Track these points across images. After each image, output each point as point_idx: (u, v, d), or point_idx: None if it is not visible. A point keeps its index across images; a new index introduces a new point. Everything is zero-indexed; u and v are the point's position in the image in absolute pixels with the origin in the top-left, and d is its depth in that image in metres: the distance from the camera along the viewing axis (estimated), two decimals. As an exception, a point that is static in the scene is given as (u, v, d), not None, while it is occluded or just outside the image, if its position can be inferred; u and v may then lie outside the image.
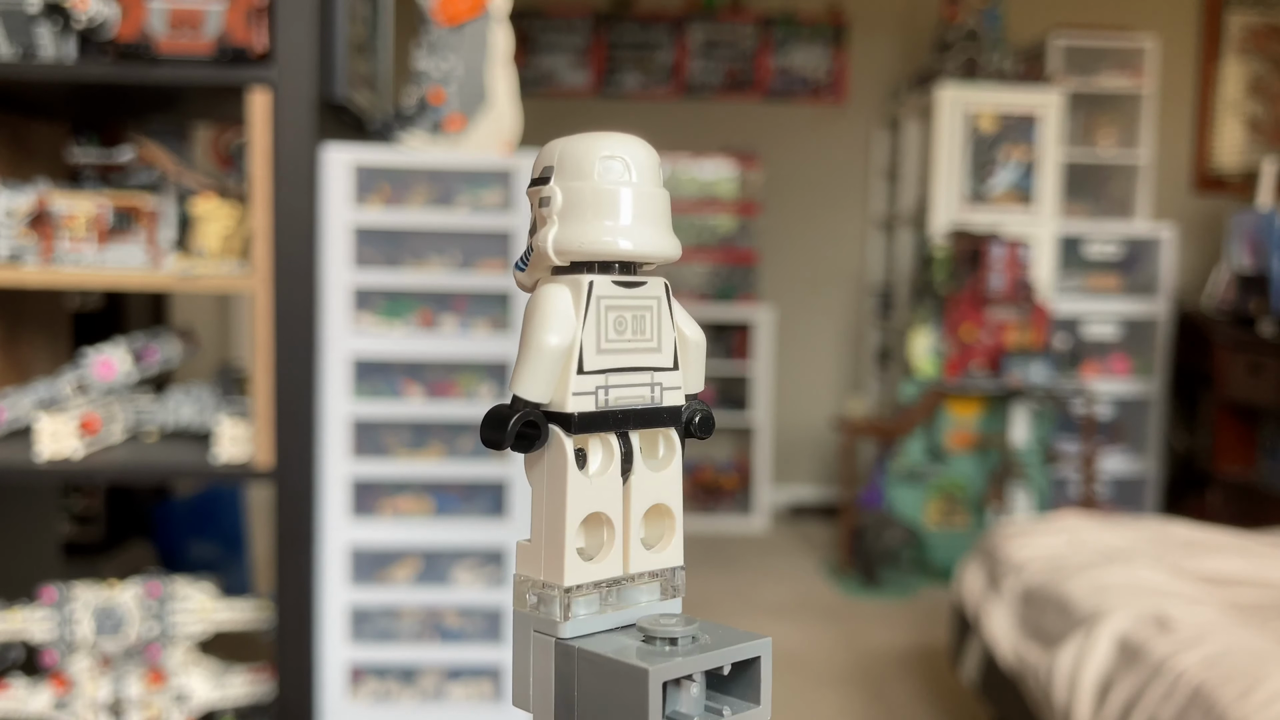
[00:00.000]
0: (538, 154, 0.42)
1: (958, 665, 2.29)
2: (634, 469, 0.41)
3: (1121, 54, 4.11)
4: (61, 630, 1.54)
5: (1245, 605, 1.77)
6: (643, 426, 0.42)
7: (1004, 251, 3.50)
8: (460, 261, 1.60)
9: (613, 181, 0.40)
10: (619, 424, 0.41)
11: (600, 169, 0.40)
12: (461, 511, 1.62)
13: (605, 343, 0.40)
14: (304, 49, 1.48)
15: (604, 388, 0.40)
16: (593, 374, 0.40)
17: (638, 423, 0.41)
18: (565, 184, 0.40)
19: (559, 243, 0.40)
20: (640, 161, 0.41)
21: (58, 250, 1.52)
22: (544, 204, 0.41)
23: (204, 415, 1.69)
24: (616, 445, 0.41)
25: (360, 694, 1.60)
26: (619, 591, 0.41)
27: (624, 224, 0.40)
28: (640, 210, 0.41)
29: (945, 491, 3.57)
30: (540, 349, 0.40)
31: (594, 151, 0.40)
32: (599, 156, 0.40)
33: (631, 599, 0.41)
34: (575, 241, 0.40)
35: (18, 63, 1.46)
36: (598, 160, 0.40)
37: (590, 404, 0.40)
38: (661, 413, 0.42)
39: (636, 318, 0.41)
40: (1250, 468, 3.62)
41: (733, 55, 4.52)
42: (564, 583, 0.39)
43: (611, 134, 0.42)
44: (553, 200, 0.40)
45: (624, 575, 0.41)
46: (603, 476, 0.40)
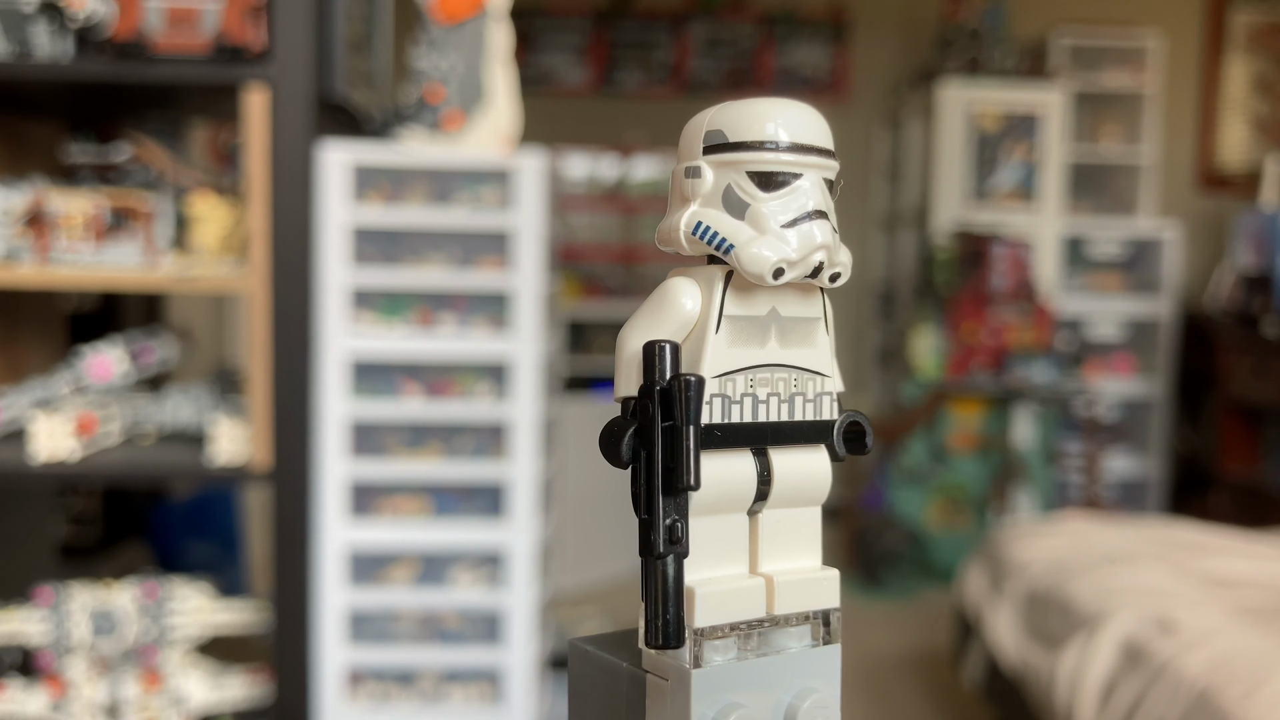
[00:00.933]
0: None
1: (960, 667, 2.28)
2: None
3: (1125, 52, 4.10)
4: (58, 632, 1.53)
5: (1250, 607, 1.76)
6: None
7: (1006, 251, 3.49)
8: (459, 260, 1.59)
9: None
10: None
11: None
12: (460, 512, 1.61)
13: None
14: (301, 47, 1.47)
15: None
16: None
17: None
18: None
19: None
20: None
21: (54, 249, 1.51)
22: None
23: (201, 416, 1.68)
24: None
25: (358, 696, 1.59)
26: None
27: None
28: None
29: (947, 493, 3.56)
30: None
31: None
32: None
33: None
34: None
35: (14, 61, 1.45)
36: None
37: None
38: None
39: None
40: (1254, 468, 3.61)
41: (733, 53, 4.51)
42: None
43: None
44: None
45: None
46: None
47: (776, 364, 0.39)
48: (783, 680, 0.38)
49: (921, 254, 3.87)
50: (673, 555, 0.35)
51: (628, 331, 0.39)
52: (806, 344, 0.40)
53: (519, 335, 1.57)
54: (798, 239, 0.37)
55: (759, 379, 0.39)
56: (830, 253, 0.38)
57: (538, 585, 1.63)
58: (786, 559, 0.40)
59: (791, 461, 0.39)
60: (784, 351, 0.39)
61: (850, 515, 3.55)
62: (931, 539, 3.53)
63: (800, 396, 0.40)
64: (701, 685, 0.36)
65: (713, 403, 0.38)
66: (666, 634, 0.35)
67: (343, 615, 1.57)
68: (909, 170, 4.14)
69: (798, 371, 0.40)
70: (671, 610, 0.35)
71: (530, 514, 1.59)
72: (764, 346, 0.39)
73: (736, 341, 0.38)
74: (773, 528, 0.39)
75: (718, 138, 0.38)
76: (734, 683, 0.37)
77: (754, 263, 0.37)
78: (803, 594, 0.39)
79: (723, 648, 0.37)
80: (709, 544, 0.38)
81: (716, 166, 0.38)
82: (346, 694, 1.58)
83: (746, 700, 0.37)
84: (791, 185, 0.38)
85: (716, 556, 0.38)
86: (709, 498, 0.37)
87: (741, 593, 0.38)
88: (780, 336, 0.39)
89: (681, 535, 0.36)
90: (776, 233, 0.37)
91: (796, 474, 0.39)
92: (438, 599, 1.60)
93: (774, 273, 0.37)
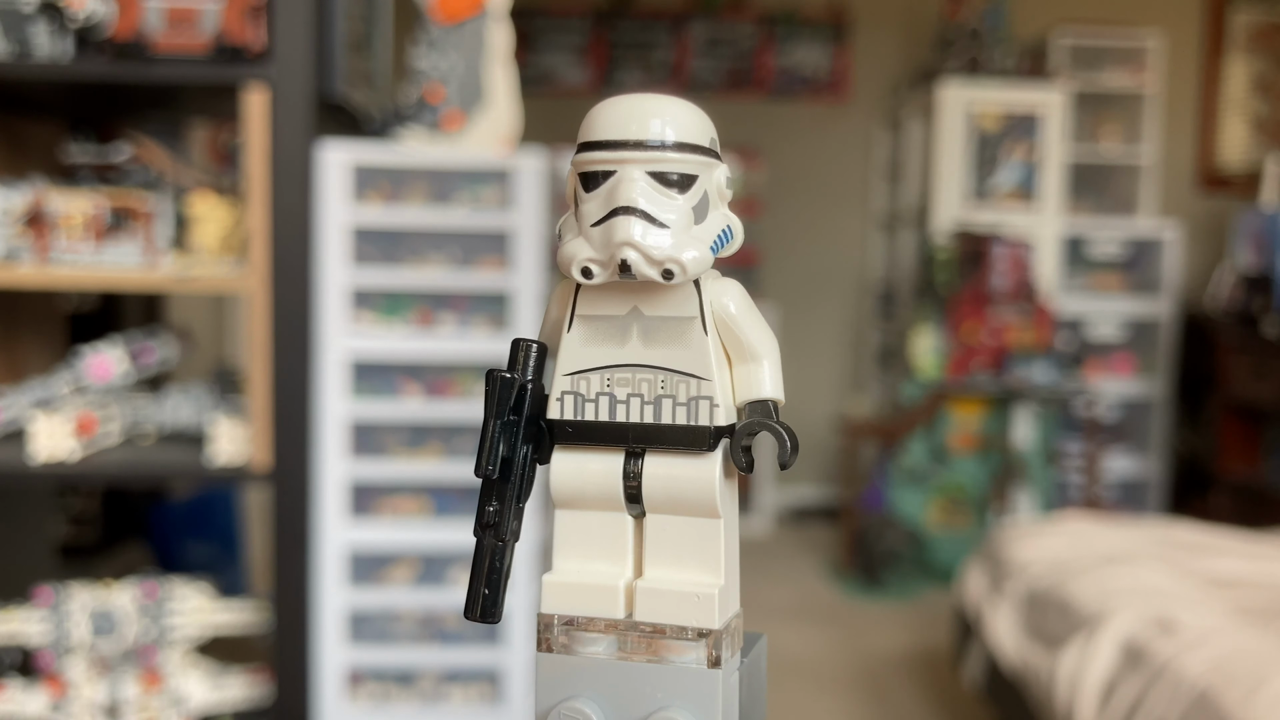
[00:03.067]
0: (690, 112, 0.38)
1: (960, 668, 2.28)
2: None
3: (1125, 52, 4.10)
4: (58, 632, 1.53)
5: (1250, 607, 1.76)
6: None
7: (1006, 251, 3.49)
8: (459, 260, 1.58)
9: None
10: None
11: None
12: (460, 512, 1.61)
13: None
14: (301, 47, 1.46)
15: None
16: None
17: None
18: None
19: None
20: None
21: (54, 249, 1.51)
22: (726, 185, 0.39)
23: (201, 416, 1.68)
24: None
25: (358, 696, 1.59)
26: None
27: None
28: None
29: (947, 493, 3.56)
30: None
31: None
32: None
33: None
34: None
35: (13, 61, 1.45)
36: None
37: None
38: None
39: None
40: (1255, 469, 3.61)
41: (734, 53, 4.51)
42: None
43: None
44: (729, 186, 0.40)
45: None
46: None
47: (637, 364, 0.38)
48: (646, 691, 0.37)
49: (921, 254, 3.87)
50: (487, 538, 0.37)
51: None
52: (676, 344, 0.38)
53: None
54: (600, 236, 0.37)
55: (617, 379, 0.38)
56: (643, 249, 0.36)
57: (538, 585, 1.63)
58: (676, 569, 0.38)
59: (667, 467, 0.38)
60: (647, 351, 0.38)
61: (850, 515, 3.55)
62: (931, 539, 3.53)
63: (669, 399, 0.38)
64: (544, 668, 0.37)
65: (564, 400, 0.39)
66: (477, 608, 0.37)
67: (343, 615, 1.57)
68: (909, 170, 4.14)
69: (665, 373, 0.38)
70: (482, 587, 0.37)
71: (530, 514, 1.59)
72: (623, 346, 0.38)
73: (591, 340, 0.38)
74: (657, 534, 0.38)
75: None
76: (585, 677, 0.37)
77: (563, 262, 0.37)
78: (669, 606, 0.38)
79: (596, 643, 0.37)
80: (580, 537, 0.39)
81: (570, 171, 0.39)
82: (346, 694, 1.58)
83: (599, 699, 0.37)
84: (607, 183, 0.37)
85: (590, 551, 0.38)
86: (568, 492, 0.38)
87: (595, 590, 0.38)
88: (644, 336, 0.38)
89: (493, 520, 0.37)
90: (585, 231, 0.37)
91: (672, 481, 0.38)
92: (437, 599, 1.60)
93: (582, 271, 0.37)
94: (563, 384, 0.39)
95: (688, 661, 0.37)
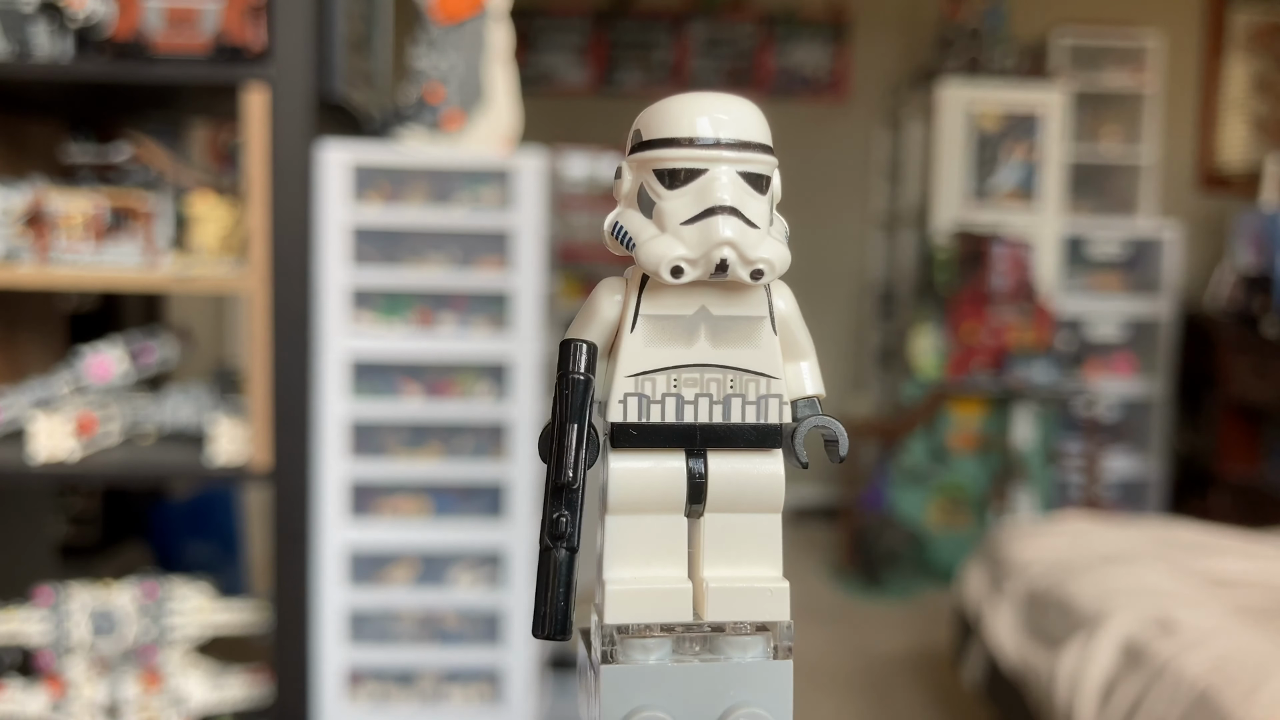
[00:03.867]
0: (755, 112, 0.38)
1: (960, 667, 2.28)
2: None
3: (1125, 52, 4.10)
4: (58, 632, 1.53)
5: (1250, 607, 1.76)
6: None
7: (1006, 251, 3.49)
8: (459, 260, 1.58)
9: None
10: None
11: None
12: (460, 512, 1.61)
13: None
14: (301, 46, 1.46)
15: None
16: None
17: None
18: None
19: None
20: None
21: (54, 249, 1.51)
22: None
23: (201, 416, 1.68)
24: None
25: (358, 696, 1.59)
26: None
27: None
28: None
29: (947, 493, 3.56)
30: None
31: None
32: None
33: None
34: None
35: (13, 61, 1.45)
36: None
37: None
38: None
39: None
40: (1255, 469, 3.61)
41: (733, 53, 4.51)
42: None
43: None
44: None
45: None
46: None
47: (706, 364, 0.38)
48: (717, 690, 0.37)
49: (921, 254, 3.87)
50: (559, 549, 0.35)
51: (568, 333, 0.39)
52: (745, 344, 0.39)
53: (519, 335, 1.57)
54: (696, 235, 0.36)
55: (685, 379, 0.38)
56: (740, 248, 0.36)
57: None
58: (736, 566, 0.39)
59: (733, 465, 0.38)
60: (716, 351, 0.38)
61: (850, 515, 3.55)
62: (932, 539, 3.53)
63: (739, 398, 0.39)
64: (610, 681, 0.36)
65: (627, 402, 0.38)
66: (548, 625, 0.35)
67: (342, 615, 1.57)
68: (909, 170, 4.14)
69: (734, 372, 0.39)
70: (553, 602, 0.35)
71: (530, 514, 1.59)
72: (691, 346, 0.38)
73: (656, 341, 0.38)
74: (718, 533, 0.38)
75: (636, 137, 0.38)
76: (653, 685, 0.36)
77: (650, 260, 0.37)
78: (743, 603, 0.38)
79: (655, 648, 0.36)
80: (636, 543, 0.38)
81: (635, 167, 0.38)
82: (346, 694, 1.58)
83: (670, 706, 0.36)
84: (697, 181, 0.37)
85: (646, 556, 0.38)
86: (628, 496, 0.37)
87: (664, 594, 0.37)
88: (712, 336, 0.38)
89: (566, 531, 0.36)
90: (674, 230, 0.37)
91: (739, 478, 0.38)
92: (437, 599, 1.60)
93: (672, 270, 0.36)
94: (625, 386, 0.38)
95: (754, 656, 0.37)
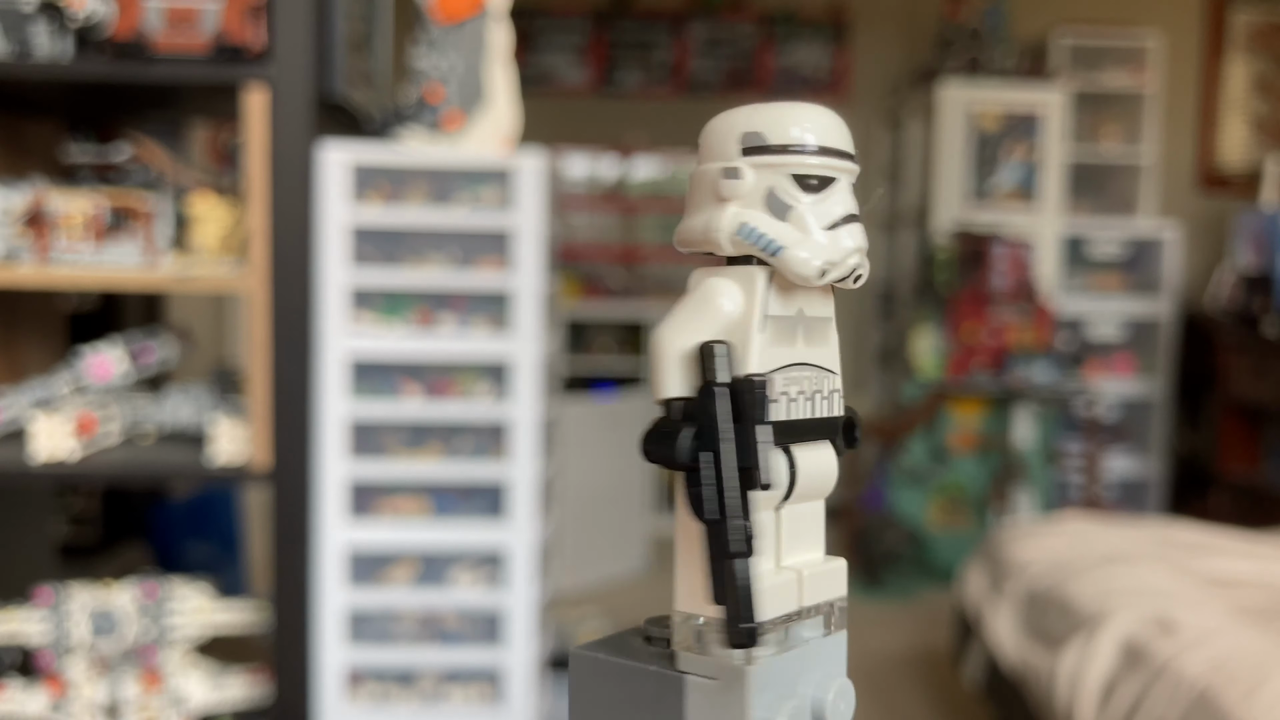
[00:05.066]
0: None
1: (960, 667, 2.28)
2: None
3: (1125, 52, 4.10)
4: (57, 632, 1.53)
5: (1250, 607, 1.76)
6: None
7: (1007, 251, 3.49)
8: (459, 260, 1.58)
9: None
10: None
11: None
12: (460, 512, 1.61)
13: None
14: (301, 46, 1.46)
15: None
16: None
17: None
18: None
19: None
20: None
21: (54, 249, 1.51)
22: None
23: (201, 416, 1.68)
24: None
25: (358, 696, 1.59)
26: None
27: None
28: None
29: (947, 493, 3.56)
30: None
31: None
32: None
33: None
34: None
35: (13, 61, 1.45)
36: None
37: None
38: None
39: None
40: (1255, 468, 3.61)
41: (734, 53, 4.51)
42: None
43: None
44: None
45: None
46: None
47: (804, 363, 0.40)
48: (805, 670, 0.39)
49: (922, 254, 3.87)
50: (749, 552, 0.36)
51: (668, 332, 0.39)
52: (824, 343, 0.41)
53: (519, 335, 1.57)
54: (840, 241, 0.38)
55: (790, 377, 0.39)
56: (863, 256, 0.39)
57: (538, 585, 1.63)
58: (803, 551, 0.41)
59: (810, 457, 0.40)
60: (808, 350, 0.40)
61: (851, 515, 3.55)
62: (932, 539, 3.53)
63: (818, 394, 0.41)
64: (758, 682, 0.36)
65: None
66: (750, 635, 0.35)
67: (342, 615, 1.57)
68: (909, 170, 4.14)
69: (817, 370, 0.41)
70: (749, 610, 0.35)
71: (530, 514, 1.59)
72: (794, 346, 0.40)
73: (775, 341, 0.39)
74: (792, 523, 0.40)
75: (757, 139, 0.38)
76: (777, 678, 0.37)
77: (803, 265, 0.38)
78: (823, 585, 0.40)
79: (774, 643, 0.37)
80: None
81: (757, 168, 0.38)
82: (346, 694, 1.58)
83: (801, 690, 0.38)
84: (828, 189, 0.38)
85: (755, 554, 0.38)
86: (755, 495, 0.38)
87: (781, 587, 0.38)
88: (805, 336, 0.40)
89: (751, 533, 0.36)
90: (819, 235, 0.38)
91: (814, 469, 0.40)
92: (438, 599, 1.60)
93: (819, 274, 0.38)
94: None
95: (819, 633, 0.40)
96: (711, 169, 0.39)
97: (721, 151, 0.39)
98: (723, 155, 0.38)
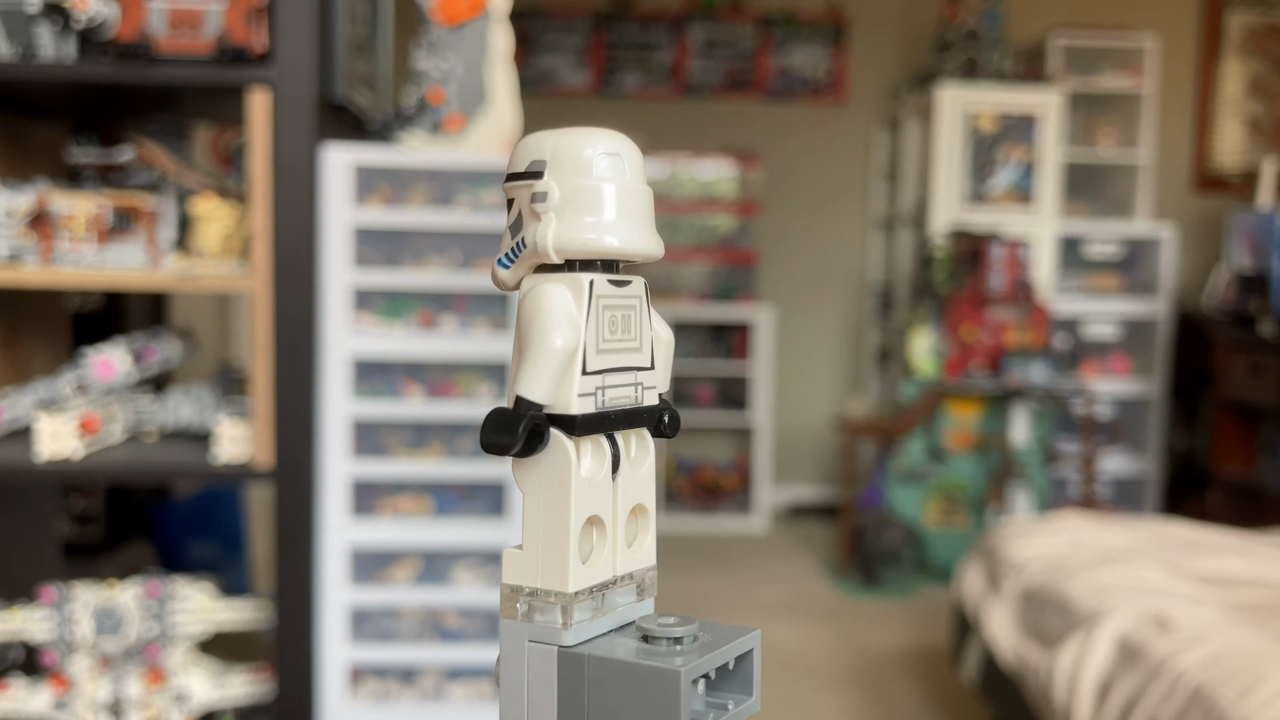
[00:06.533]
0: (518, 146, 0.41)
1: (958, 665, 2.29)
2: (620, 470, 0.41)
3: (1121, 54, 4.11)
4: (61, 630, 1.54)
5: (1245, 605, 1.77)
6: (628, 427, 0.41)
7: (1004, 251, 3.50)
8: (460, 261, 1.60)
9: (612, 178, 0.40)
10: (612, 425, 0.40)
11: (600, 165, 0.40)
12: (461, 511, 1.62)
13: (603, 343, 0.40)
14: (304, 49, 1.47)
15: (601, 389, 0.40)
16: (594, 375, 0.39)
17: (625, 423, 0.41)
18: (562, 179, 0.39)
19: (559, 240, 0.39)
20: (633, 159, 0.41)
21: (57, 250, 1.52)
22: (537, 199, 0.40)
23: (204, 415, 1.69)
24: (608, 447, 0.40)
25: (360, 694, 1.60)
26: (605, 595, 0.40)
27: (620, 222, 0.40)
28: (635, 208, 0.40)
29: (945, 491, 3.57)
30: (548, 350, 0.38)
31: (593, 147, 0.40)
32: (600, 153, 0.40)
33: (613, 602, 0.41)
34: (579, 239, 0.39)
35: (17, 63, 1.46)
36: (598, 156, 0.40)
37: (591, 405, 0.39)
38: (643, 413, 0.42)
39: (625, 317, 0.41)
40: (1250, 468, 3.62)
41: (732, 55, 4.52)
42: (569, 588, 0.38)
43: (604, 130, 0.41)
44: (549, 196, 0.39)
45: (613, 578, 0.41)
46: (597, 478, 0.40)
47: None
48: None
49: (919, 254, 3.88)
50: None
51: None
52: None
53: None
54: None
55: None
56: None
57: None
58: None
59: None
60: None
61: (849, 514, 3.56)
62: (929, 537, 3.55)
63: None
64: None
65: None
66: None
67: (345, 613, 1.58)
68: (907, 171, 4.15)
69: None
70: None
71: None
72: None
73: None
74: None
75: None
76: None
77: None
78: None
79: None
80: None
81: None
82: (348, 691, 1.59)
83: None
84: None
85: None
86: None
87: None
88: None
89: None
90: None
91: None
92: (439, 597, 1.61)
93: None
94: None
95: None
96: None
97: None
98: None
